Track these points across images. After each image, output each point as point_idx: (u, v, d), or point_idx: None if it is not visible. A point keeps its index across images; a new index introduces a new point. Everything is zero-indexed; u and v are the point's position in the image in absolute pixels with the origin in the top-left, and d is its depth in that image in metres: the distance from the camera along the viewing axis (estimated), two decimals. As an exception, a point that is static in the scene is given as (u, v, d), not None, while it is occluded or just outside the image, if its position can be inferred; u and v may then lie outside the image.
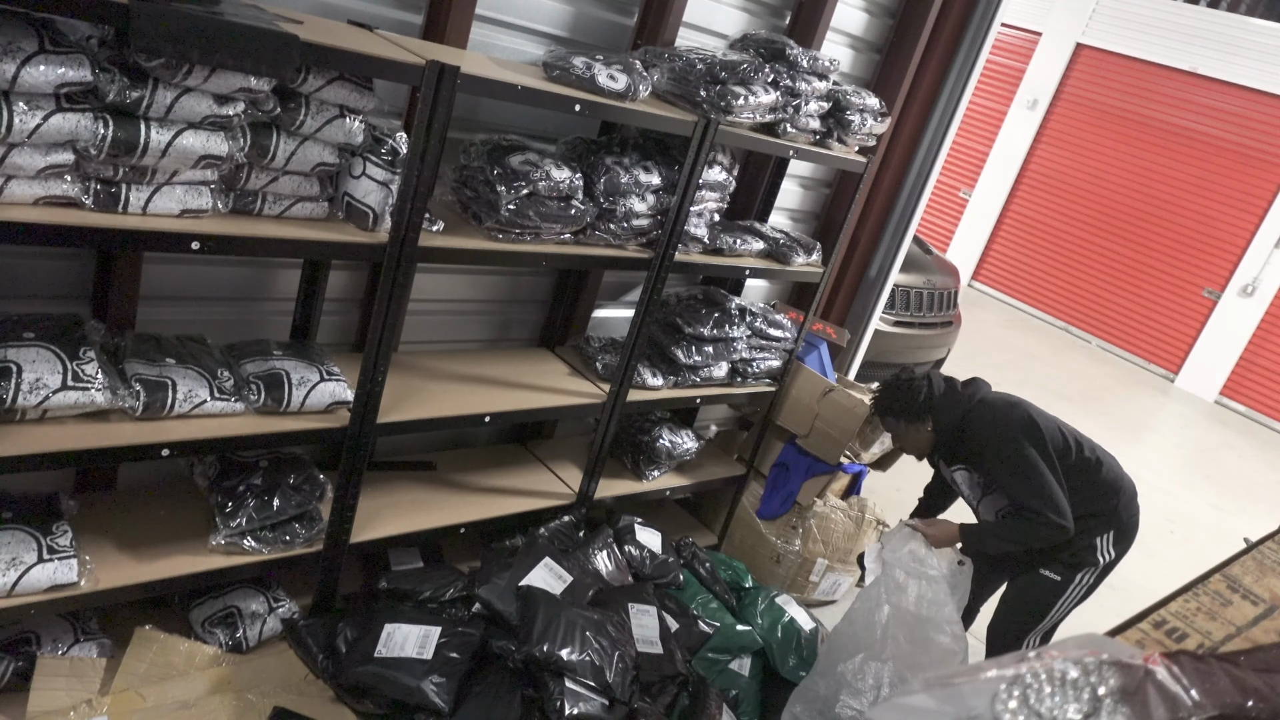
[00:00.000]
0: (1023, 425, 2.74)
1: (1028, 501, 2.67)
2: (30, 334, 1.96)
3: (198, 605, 2.45)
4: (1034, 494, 2.66)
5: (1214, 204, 9.78)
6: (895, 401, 2.91)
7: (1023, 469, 2.68)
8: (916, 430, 2.91)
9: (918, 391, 2.86)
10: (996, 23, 3.82)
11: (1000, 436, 2.73)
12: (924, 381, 2.88)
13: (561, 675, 2.39)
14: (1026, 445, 2.69)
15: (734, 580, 3.37)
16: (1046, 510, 2.64)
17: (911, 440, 2.96)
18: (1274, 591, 1.83)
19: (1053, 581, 2.85)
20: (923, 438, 2.92)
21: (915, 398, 2.86)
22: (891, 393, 2.93)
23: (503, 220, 2.45)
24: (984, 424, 2.78)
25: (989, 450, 2.76)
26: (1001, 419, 2.76)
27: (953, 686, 1.04)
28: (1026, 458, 2.67)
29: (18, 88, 1.64)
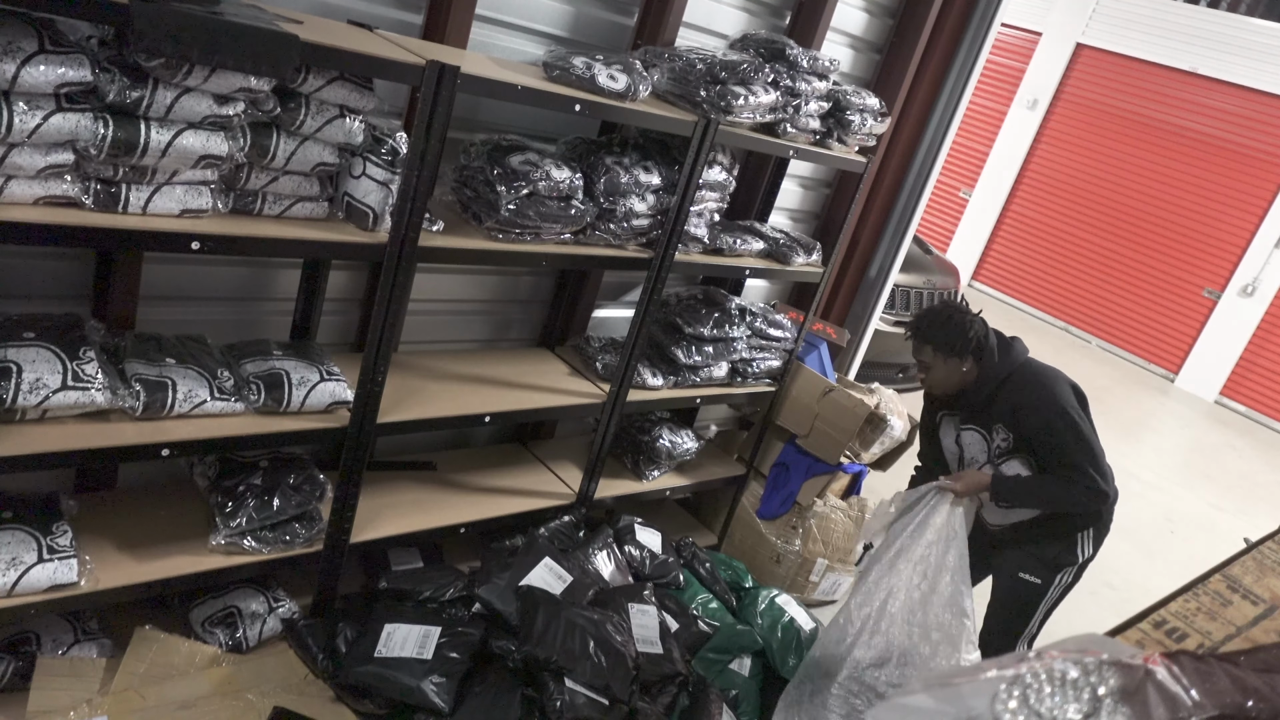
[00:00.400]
0: (1072, 390, 2.72)
1: (1074, 460, 2.61)
2: (30, 334, 1.96)
3: (198, 605, 2.45)
4: (1082, 453, 2.61)
5: (1214, 204, 9.78)
6: (941, 331, 2.71)
7: (1071, 430, 2.62)
8: (950, 366, 2.73)
9: (968, 327, 2.70)
10: (996, 23, 3.82)
11: (1048, 398, 2.66)
12: (980, 324, 2.74)
13: (561, 675, 2.39)
14: (1074, 409, 2.66)
15: (734, 580, 3.37)
16: (1092, 471, 2.61)
17: (939, 375, 2.77)
18: (1274, 591, 1.83)
19: (1034, 584, 2.84)
20: (953, 375, 2.75)
21: (964, 333, 2.69)
22: (939, 320, 2.73)
23: (503, 220, 2.45)
24: (1030, 384, 2.69)
25: (1032, 410, 2.66)
26: (1050, 381, 2.71)
27: (953, 686, 1.04)
28: (1075, 421, 2.63)
29: (18, 88, 1.64)
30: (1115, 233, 10.45)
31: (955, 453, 2.94)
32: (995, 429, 2.77)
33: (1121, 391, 9.14)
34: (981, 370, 2.74)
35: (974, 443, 2.85)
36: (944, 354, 2.73)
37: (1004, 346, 2.77)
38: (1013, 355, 2.76)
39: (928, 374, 2.81)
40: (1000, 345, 2.76)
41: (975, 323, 2.73)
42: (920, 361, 2.81)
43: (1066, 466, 2.63)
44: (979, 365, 2.74)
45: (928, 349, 2.75)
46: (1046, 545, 2.81)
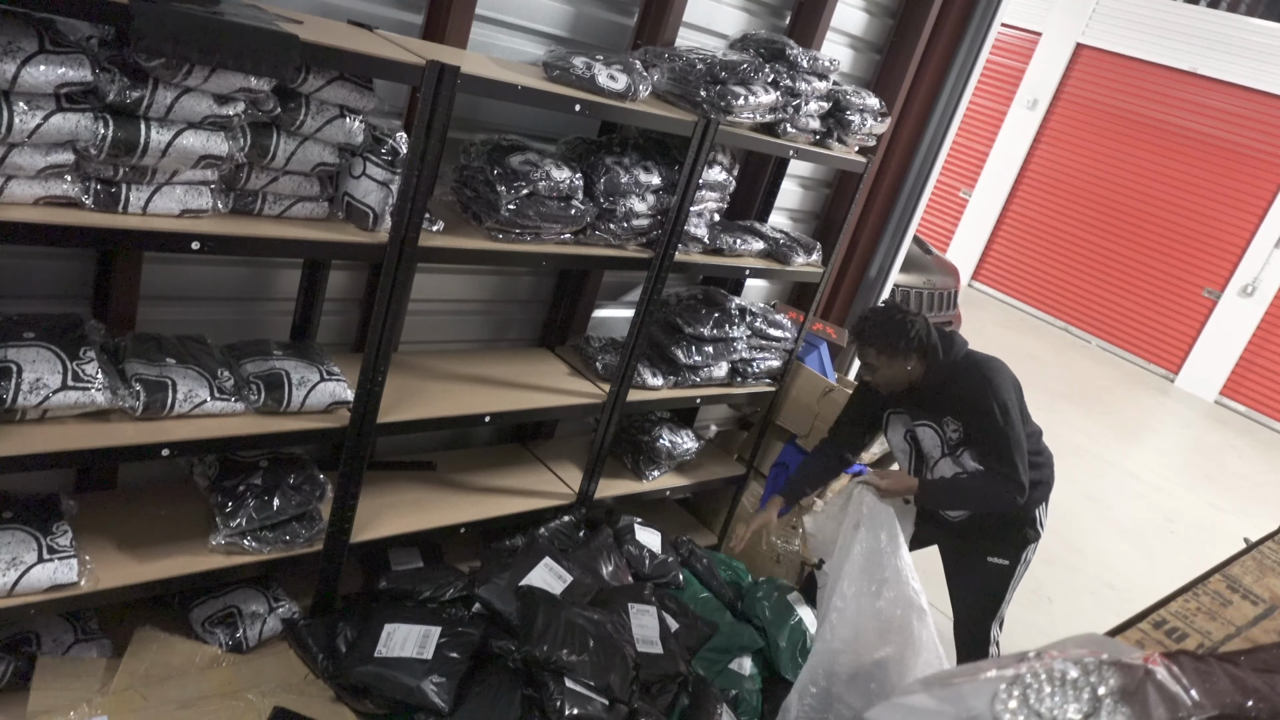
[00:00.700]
0: (1013, 385, 2.77)
1: (1007, 457, 2.68)
2: (30, 334, 1.96)
3: (198, 605, 2.45)
4: (1015, 453, 2.68)
5: (1214, 204, 9.78)
6: (883, 332, 2.74)
7: (1009, 428, 2.68)
8: (895, 366, 2.76)
9: (908, 327, 2.74)
10: (996, 23, 3.82)
11: (990, 390, 2.71)
12: (921, 322, 2.78)
13: (561, 675, 2.40)
14: (1013, 404, 2.72)
15: (734, 580, 3.37)
16: (1018, 473, 2.68)
17: (886, 375, 2.80)
18: (1274, 591, 1.83)
19: (1001, 566, 2.92)
20: (900, 374, 2.78)
21: (906, 332, 2.72)
22: (880, 322, 2.76)
23: (503, 220, 2.45)
24: (976, 378, 2.74)
25: (975, 402, 2.72)
26: (994, 375, 2.76)
27: (953, 686, 1.04)
28: (1013, 418, 2.70)
29: (18, 88, 1.64)
30: (1115, 233, 10.45)
31: (906, 450, 2.96)
32: (945, 422, 2.82)
33: (1121, 391, 9.14)
34: (927, 367, 2.77)
35: (929, 438, 2.88)
36: (888, 354, 2.75)
37: (946, 343, 2.80)
38: (955, 350, 2.80)
39: (874, 375, 2.83)
40: (943, 342, 2.80)
41: (916, 322, 2.76)
42: (866, 364, 2.84)
43: (996, 459, 2.69)
44: (924, 363, 2.76)
45: (871, 351, 2.78)
46: (1009, 527, 2.87)
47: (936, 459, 2.86)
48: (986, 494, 2.74)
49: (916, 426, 2.88)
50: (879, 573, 2.70)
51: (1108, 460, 6.97)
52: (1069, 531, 5.46)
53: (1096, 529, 5.65)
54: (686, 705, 2.66)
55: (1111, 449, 7.25)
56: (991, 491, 2.72)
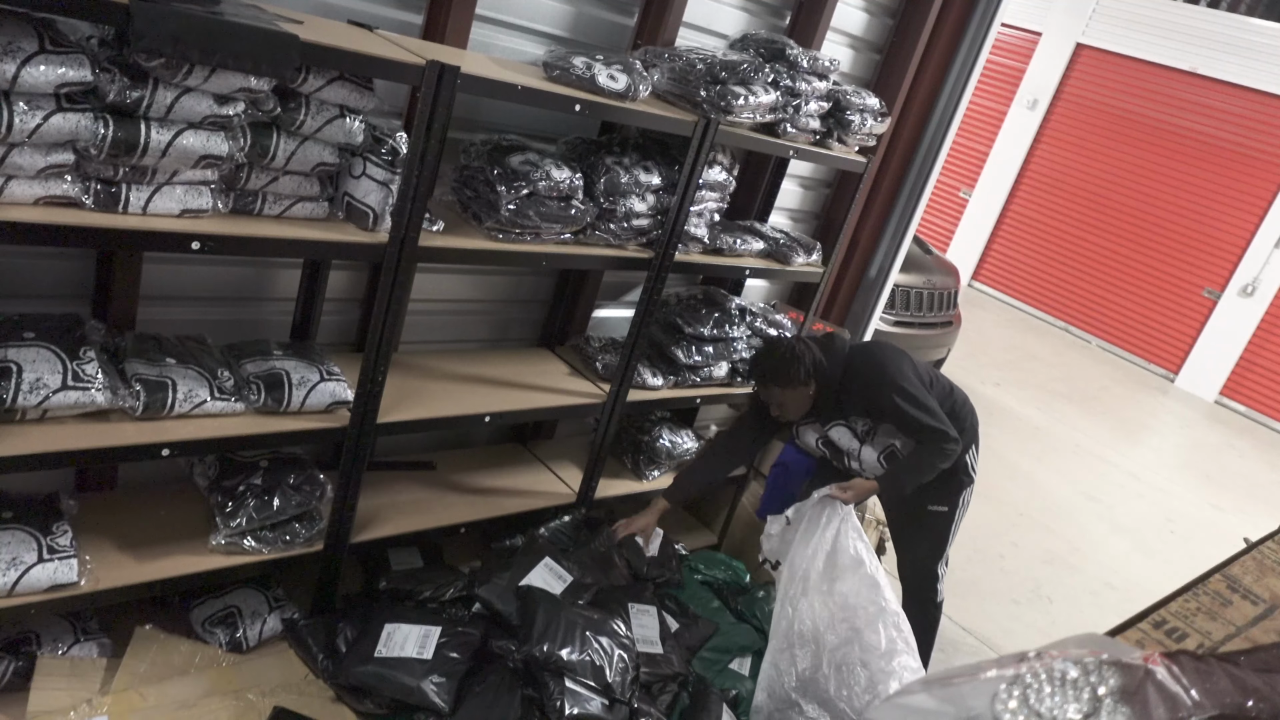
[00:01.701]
0: (901, 359, 2.88)
1: (928, 424, 2.77)
2: (30, 334, 1.96)
3: (198, 605, 2.45)
4: (931, 417, 2.78)
5: (1214, 204, 9.78)
6: (779, 372, 2.84)
7: (915, 399, 2.79)
8: (799, 394, 2.87)
9: (801, 357, 2.82)
10: (996, 23, 3.82)
11: (887, 374, 2.81)
12: (804, 346, 2.86)
13: (561, 675, 2.40)
14: (910, 376, 2.83)
15: (734, 580, 3.37)
16: (946, 429, 2.78)
17: (792, 406, 2.91)
18: (1274, 591, 1.83)
19: (942, 513, 3.06)
20: (803, 399, 2.89)
21: (800, 363, 2.82)
22: (773, 363, 2.86)
23: (503, 220, 2.45)
24: (867, 368, 2.86)
25: (878, 391, 2.81)
26: (880, 358, 2.87)
27: (953, 686, 1.04)
28: (915, 388, 2.80)
29: (18, 88, 1.64)
30: (1115, 233, 10.45)
31: (823, 453, 3.08)
32: (852, 420, 2.94)
33: (1121, 391, 9.14)
34: (819, 382, 2.86)
35: (843, 436, 2.99)
36: (791, 387, 2.85)
37: (829, 353, 2.88)
38: (837, 355, 2.89)
39: (782, 409, 2.93)
40: (826, 355, 2.87)
41: (801, 348, 2.85)
42: (774, 404, 2.93)
43: (925, 431, 2.80)
44: (818, 380, 2.86)
45: (775, 390, 2.88)
46: (946, 476, 2.95)
47: (857, 449, 2.97)
48: (932, 462, 2.84)
49: (828, 430, 3.00)
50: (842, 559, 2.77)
51: (1108, 460, 6.97)
52: (1069, 531, 5.46)
53: (1096, 529, 5.65)
54: (687, 705, 2.66)
55: (1111, 449, 7.25)
56: (934, 458, 2.83)
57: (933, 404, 2.83)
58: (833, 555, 2.77)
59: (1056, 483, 6.19)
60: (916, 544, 3.18)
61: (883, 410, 2.85)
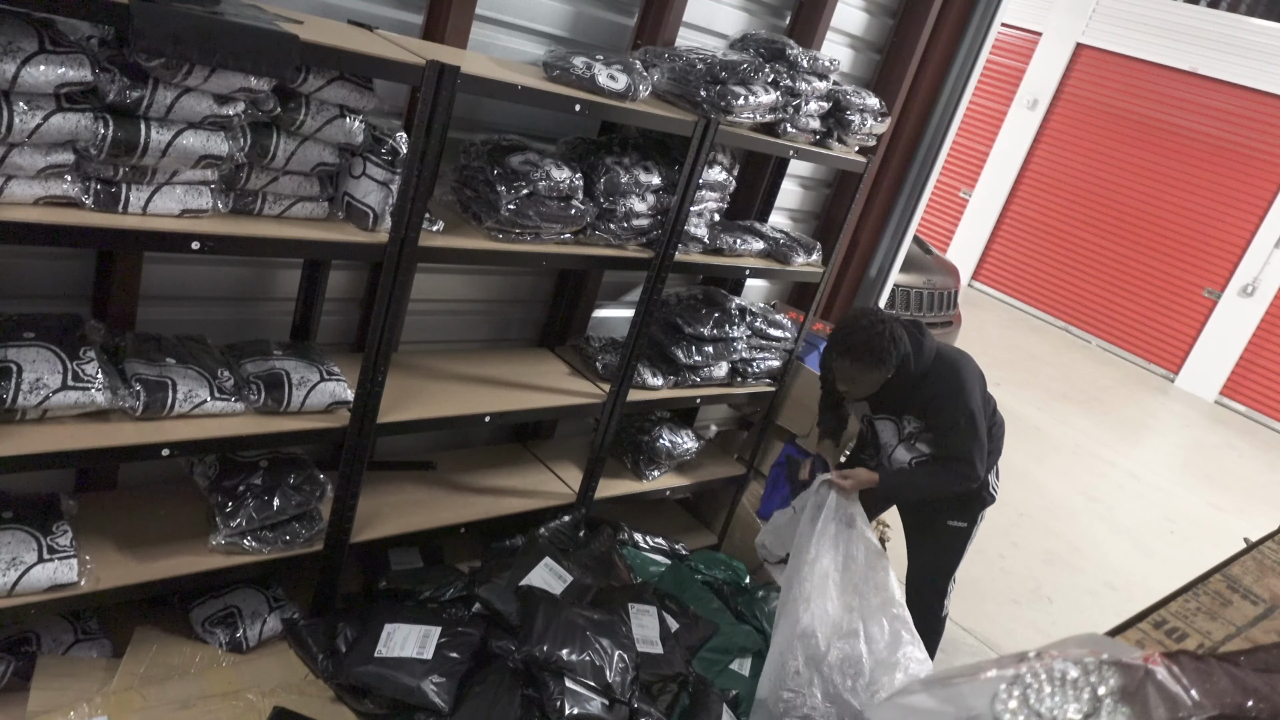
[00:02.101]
0: (977, 381, 2.86)
1: (963, 453, 2.77)
2: (30, 334, 1.96)
3: (198, 605, 2.45)
4: (974, 448, 2.77)
5: (1214, 204, 9.78)
6: (870, 351, 2.71)
7: (976, 428, 2.78)
8: (875, 377, 2.77)
9: (898, 343, 2.73)
10: (996, 23, 3.82)
11: (963, 394, 2.79)
12: (901, 333, 2.77)
13: (561, 675, 2.40)
14: (978, 408, 2.81)
15: (734, 579, 3.37)
16: (976, 465, 2.79)
17: (862, 386, 2.81)
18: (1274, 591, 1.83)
19: (960, 529, 3.06)
20: (874, 384, 2.80)
21: (896, 350, 2.72)
22: (867, 341, 2.71)
23: (503, 220, 2.45)
24: (947, 380, 2.81)
25: (950, 404, 2.78)
26: (963, 376, 2.83)
27: (953, 686, 1.04)
28: (974, 414, 2.78)
29: (18, 88, 1.64)
30: (1115, 233, 10.45)
31: (864, 432, 3.08)
32: (906, 418, 2.90)
33: (1121, 391, 9.14)
34: (900, 373, 2.79)
35: (886, 429, 2.97)
36: (870, 368, 2.74)
37: (917, 345, 2.83)
38: (925, 353, 2.83)
39: (852, 386, 2.81)
40: (914, 345, 2.82)
41: (898, 332, 2.76)
42: (843, 378, 2.81)
43: (957, 458, 2.80)
44: (899, 371, 2.79)
45: (856, 366, 2.74)
46: (968, 494, 2.95)
47: (893, 446, 2.96)
48: (942, 484, 2.85)
49: (875, 418, 2.98)
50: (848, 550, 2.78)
51: (1108, 460, 6.97)
52: (1069, 531, 5.46)
53: (1096, 529, 5.65)
54: (687, 705, 2.66)
55: (1111, 449, 7.25)
56: (946, 481, 2.84)
57: (984, 439, 2.80)
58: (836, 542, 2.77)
59: (1056, 483, 6.19)
60: (930, 557, 3.16)
61: (941, 422, 2.81)
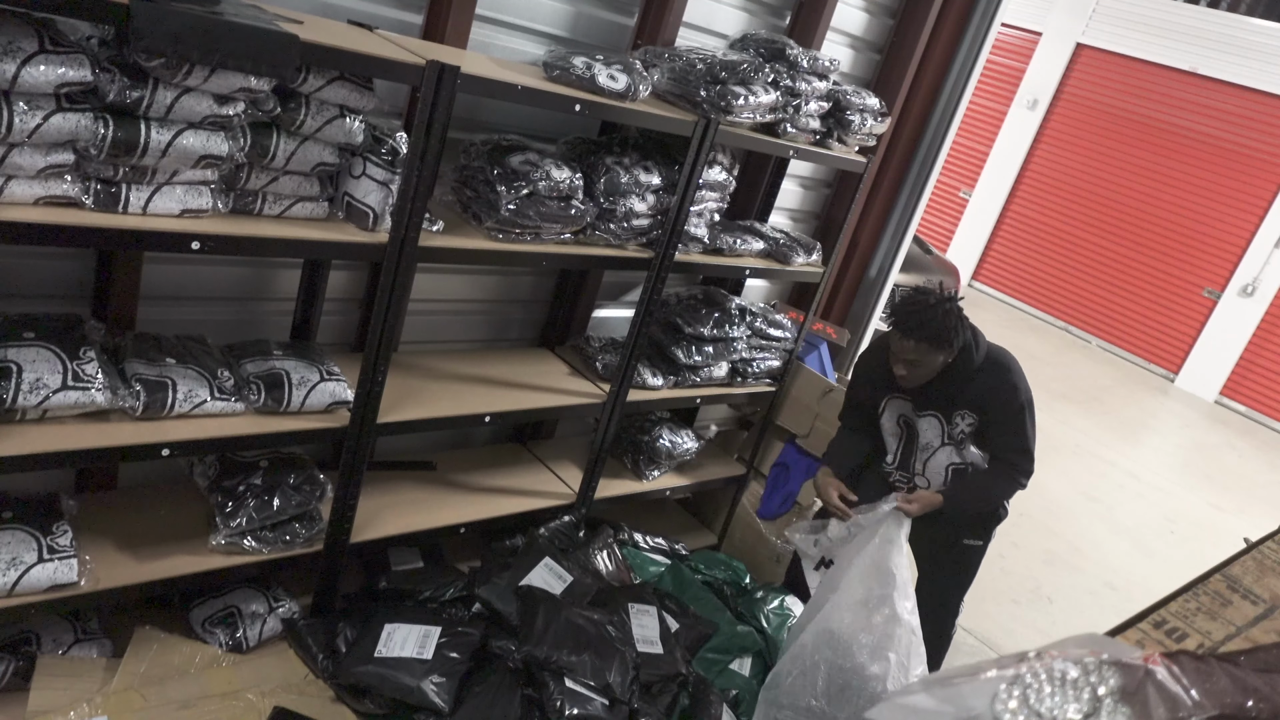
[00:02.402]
0: (1025, 380, 2.79)
1: (1026, 446, 2.72)
2: (30, 334, 1.96)
3: (198, 605, 2.45)
4: (1030, 448, 2.73)
5: (1214, 204, 9.78)
6: (939, 331, 2.57)
7: (1027, 424, 2.72)
8: (934, 361, 2.63)
9: (964, 323, 2.62)
10: (996, 23, 3.82)
11: (1023, 385, 2.73)
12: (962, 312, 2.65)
13: (561, 675, 2.40)
14: (1029, 401, 2.75)
15: (734, 580, 3.37)
16: (1031, 465, 2.74)
17: (924, 370, 2.66)
18: (1274, 591, 1.83)
19: (977, 547, 3.00)
20: (932, 370, 2.66)
21: (962, 330, 2.61)
22: (935, 319, 2.57)
23: (503, 220, 2.45)
24: (1003, 378, 2.71)
25: (1011, 396, 2.69)
26: (1017, 373, 2.76)
27: (953, 686, 1.04)
28: (1033, 405, 2.74)
29: (18, 87, 1.64)
30: (1115, 233, 10.45)
31: (898, 434, 2.91)
32: (958, 415, 2.76)
33: (1121, 391, 9.14)
34: (959, 361, 2.67)
35: (930, 427, 2.83)
36: (934, 349, 2.61)
37: (975, 334, 2.76)
38: (981, 345, 2.76)
39: (910, 370, 2.66)
40: (975, 339, 2.74)
41: (963, 316, 2.66)
42: (904, 359, 2.66)
43: (1018, 452, 2.73)
44: (956, 359, 2.67)
45: (922, 347, 2.60)
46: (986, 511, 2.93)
47: (935, 447, 2.84)
48: (1002, 489, 2.80)
49: (919, 416, 2.84)
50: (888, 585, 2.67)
51: (1108, 460, 6.97)
52: (1069, 531, 5.46)
53: (1096, 529, 5.65)
54: (687, 705, 2.66)
55: (1111, 449, 7.25)
56: (1005, 486, 2.79)
57: (1035, 438, 2.74)
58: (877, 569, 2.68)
59: (1056, 483, 6.19)
60: (945, 577, 3.07)
61: (1002, 414, 2.70)
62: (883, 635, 2.61)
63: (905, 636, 2.62)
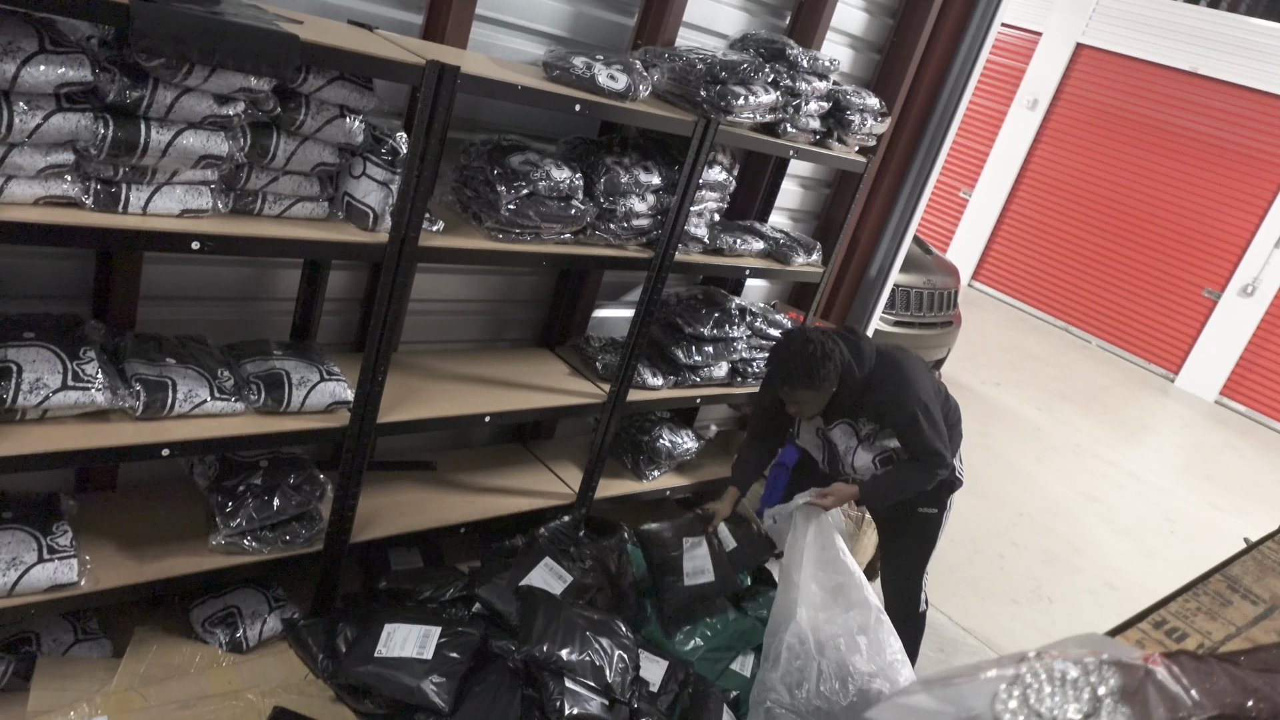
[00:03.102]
0: (924, 374, 2.85)
1: (933, 446, 2.75)
2: (30, 334, 1.96)
3: (198, 605, 2.45)
4: (939, 439, 2.77)
5: (1214, 204, 9.78)
6: (809, 374, 2.67)
7: (932, 419, 2.77)
8: (821, 395, 2.75)
9: (831, 357, 2.68)
10: (996, 23, 3.82)
11: (911, 390, 2.76)
12: (834, 345, 2.73)
13: (561, 675, 2.40)
14: (930, 394, 2.81)
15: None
16: (943, 453, 2.77)
17: (812, 405, 2.79)
18: (1274, 591, 1.83)
19: (932, 515, 3.02)
20: (823, 400, 2.78)
21: (831, 364, 2.68)
22: (802, 364, 2.67)
23: (503, 220, 2.45)
24: (892, 379, 2.77)
25: (900, 404, 2.75)
26: (908, 371, 2.81)
27: (953, 686, 1.04)
28: (929, 407, 2.77)
29: (18, 88, 1.64)
30: (1115, 233, 10.45)
31: (820, 445, 3.03)
32: (861, 422, 2.88)
33: (1121, 391, 9.14)
34: (845, 382, 2.76)
35: (842, 433, 2.93)
36: (815, 388, 2.72)
37: (856, 352, 2.79)
38: (865, 359, 2.79)
39: (801, 408, 2.82)
40: (855, 357, 2.77)
41: (830, 349, 2.71)
42: (794, 402, 2.80)
43: (927, 453, 2.77)
44: (842, 382, 2.76)
45: (800, 391, 2.74)
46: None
47: (854, 448, 2.92)
48: (918, 479, 2.83)
49: (831, 428, 2.94)
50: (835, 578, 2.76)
51: (1108, 460, 6.96)
52: (1069, 531, 5.46)
53: (1096, 529, 5.65)
54: (687, 706, 2.66)
55: (1111, 449, 7.25)
56: (921, 476, 2.82)
57: (942, 425, 2.79)
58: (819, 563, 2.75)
59: (1056, 483, 6.19)
60: (903, 548, 3.13)
61: (897, 423, 2.79)
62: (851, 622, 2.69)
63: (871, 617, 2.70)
